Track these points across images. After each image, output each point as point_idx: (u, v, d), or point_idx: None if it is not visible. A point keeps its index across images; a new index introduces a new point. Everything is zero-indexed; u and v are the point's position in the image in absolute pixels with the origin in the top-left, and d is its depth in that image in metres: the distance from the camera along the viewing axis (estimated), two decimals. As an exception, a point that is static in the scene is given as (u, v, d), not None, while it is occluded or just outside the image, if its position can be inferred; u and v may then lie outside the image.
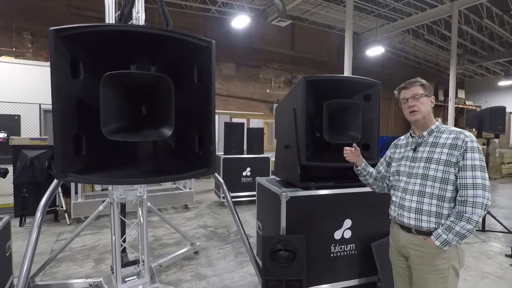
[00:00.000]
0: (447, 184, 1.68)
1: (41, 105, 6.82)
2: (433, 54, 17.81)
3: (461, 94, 19.73)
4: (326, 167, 2.95)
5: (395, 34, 15.26)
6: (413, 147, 1.88)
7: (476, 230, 4.94)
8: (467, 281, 3.41)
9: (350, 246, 2.90)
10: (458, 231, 1.60)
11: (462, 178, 1.64)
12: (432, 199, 1.72)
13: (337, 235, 2.85)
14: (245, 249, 3.06)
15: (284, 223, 2.67)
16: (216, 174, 3.19)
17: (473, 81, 21.20)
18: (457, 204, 1.65)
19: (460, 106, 18.41)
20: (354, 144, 2.12)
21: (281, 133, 3.43)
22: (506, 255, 4.09)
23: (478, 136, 4.96)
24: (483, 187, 1.59)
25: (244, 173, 6.70)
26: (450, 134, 1.74)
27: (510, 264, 3.83)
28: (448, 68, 14.42)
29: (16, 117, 6.68)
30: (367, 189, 2.90)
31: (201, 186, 8.71)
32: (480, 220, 1.59)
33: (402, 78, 1.90)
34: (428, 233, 1.72)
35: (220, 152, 7.07)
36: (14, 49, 9.50)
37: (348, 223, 2.86)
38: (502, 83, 18.28)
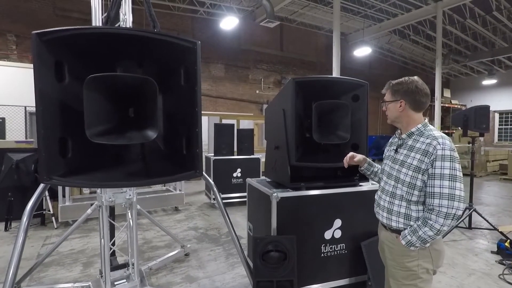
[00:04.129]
0: (413, 189, 1.73)
1: (27, 107, 6.71)
2: (419, 54, 18.08)
3: (447, 93, 20.09)
4: (316, 167, 2.96)
5: (382, 35, 15.45)
6: (395, 148, 1.92)
7: (463, 228, 5.05)
8: (454, 278, 3.47)
9: (340, 246, 2.92)
10: (420, 235, 1.65)
11: (430, 186, 1.66)
12: (401, 201, 1.78)
13: (328, 235, 2.87)
14: (236, 250, 3.06)
15: (274, 224, 2.67)
16: (206, 175, 3.19)
17: (458, 81, 21.61)
18: (425, 210, 1.70)
19: (446, 105, 18.72)
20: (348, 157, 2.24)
21: (271, 134, 3.44)
22: (492, 252, 4.17)
23: (464, 134, 5.04)
24: (450, 197, 1.58)
25: (234, 174, 6.69)
26: (427, 138, 1.72)
27: (496, 261, 3.91)
28: (434, 68, 14.66)
29: (0, 120, 6.55)
30: (357, 188, 2.95)
31: (191, 188, 8.67)
32: (444, 228, 1.60)
33: (389, 78, 1.92)
34: (397, 231, 1.80)
35: (210, 154, 7.05)
36: (-2, 51, 9.31)
37: (338, 223, 2.89)
38: (486, 82, 18.69)
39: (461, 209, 1.59)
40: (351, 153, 2.25)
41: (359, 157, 2.24)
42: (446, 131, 16.59)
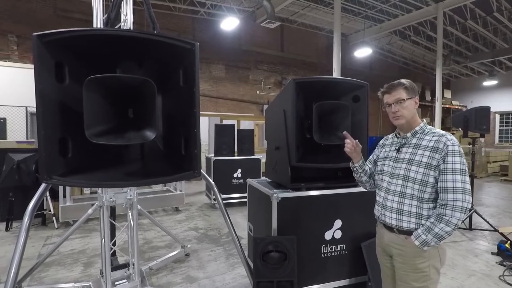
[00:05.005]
0: (425, 186, 1.72)
1: (28, 108, 6.72)
2: (419, 55, 18.08)
3: (448, 94, 20.07)
4: (316, 168, 2.97)
5: (382, 36, 15.45)
6: (397, 148, 1.90)
7: (463, 229, 5.04)
8: (454, 279, 3.47)
9: (341, 246, 2.92)
10: (437, 233, 1.64)
11: (442, 181, 1.67)
12: (412, 200, 1.75)
13: (328, 235, 2.87)
14: (236, 251, 3.06)
15: (275, 224, 2.68)
16: (206, 176, 3.20)
17: (459, 82, 21.60)
18: (438, 206, 1.69)
19: (447, 106, 18.70)
20: (357, 140, 2.09)
21: (271, 135, 3.45)
22: (493, 253, 4.17)
23: (464, 135, 5.05)
24: (463, 190, 1.61)
25: (235, 175, 6.70)
26: (433, 136, 1.75)
27: (496, 262, 3.91)
28: (434, 69, 14.66)
29: (1, 120, 6.57)
30: (357, 189, 2.95)
31: (192, 188, 8.68)
32: (459, 223, 1.62)
33: (389, 79, 1.92)
34: (408, 232, 1.76)
35: (210, 154, 7.05)
36: (-1, 51, 9.33)
37: (338, 223, 2.89)
38: (487, 83, 18.69)
39: (471, 203, 1.64)
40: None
41: (360, 154, 2.12)
42: (447, 132, 16.54)
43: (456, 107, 19.39)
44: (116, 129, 1.63)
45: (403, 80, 1.85)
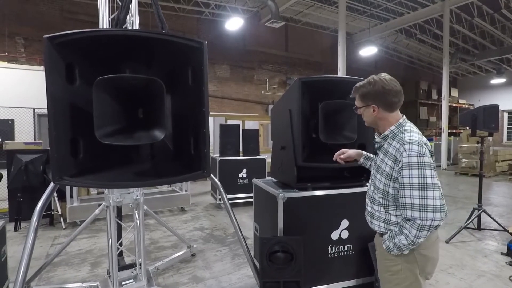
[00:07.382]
0: (387, 196, 1.67)
1: (35, 109, 6.78)
2: (425, 53, 17.93)
3: (454, 92, 19.86)
4: (322, 168, 2.95)
5: (388, 34, 15.36)
6: (376, 150, 1.84)
7: (472, 229, 4.98)
8: (463, 280, 3.43)
9: (347, 247, 2.91)
10: (395, 243, 1.60)
11: (401, 197, 1.58)
12: (380, 206, 1.73)
13: (334, 235, 2.85)
14: (243, 251, 3.06)
15: (281, 224, 2.67)
16: (212, 175, 3.19)
17: (466, 80, 21.39)
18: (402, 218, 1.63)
19: (454, 104, 18.50)
20: (336, 154, 2.17)
21: (277, 135, 3.44)
22: (502, 253, 4.11)
23: (472, 134, 4.98)
24: (422, 208, 1.49)
25: (240, 175, 6.70)
26: (397, 143, 1.60)
27: (506, 262, 3.86)
28: (441, 67, 14.53)
29: (9, 122, 6.63)
30: (364, 189, 2.93)
31: (197, 189, 8.70)
32: (417, 240, 1.53)
33: (395, 78, 1.88)
34: (382, 235, 1.77)
35: (216, 154, 7.07)
36: (6, 53, 9.41)
37: (345, 223, 2.87)
38: (494, 81, 18.48)
39: (438, 219, 1.48)
40: (340, 151, 2.16)
41: (349, 152, 2.15)
42: (454, 131, 16.42)
43: (463, 105, 19.19)
44: (126, 130, 1.63)
45: (360, 85, 1.74)
